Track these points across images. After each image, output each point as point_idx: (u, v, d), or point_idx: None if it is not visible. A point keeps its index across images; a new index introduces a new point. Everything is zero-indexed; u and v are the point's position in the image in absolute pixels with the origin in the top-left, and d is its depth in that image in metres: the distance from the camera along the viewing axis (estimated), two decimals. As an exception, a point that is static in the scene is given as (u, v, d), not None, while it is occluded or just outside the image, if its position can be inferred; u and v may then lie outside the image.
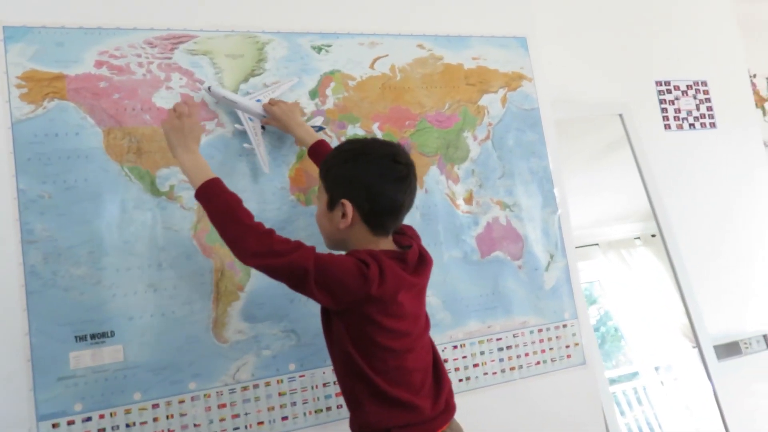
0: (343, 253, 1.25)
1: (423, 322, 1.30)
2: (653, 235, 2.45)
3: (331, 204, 1.25)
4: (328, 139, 1.58)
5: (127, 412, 1.35)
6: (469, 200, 1.76)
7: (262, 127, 1.55)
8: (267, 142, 1.55)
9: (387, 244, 1.28)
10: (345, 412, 1.50)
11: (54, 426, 1.29)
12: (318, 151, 1.50)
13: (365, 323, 1.18)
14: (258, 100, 1.53)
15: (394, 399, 1.19)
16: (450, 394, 1.30)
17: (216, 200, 1.21)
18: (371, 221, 1.24)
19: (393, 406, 1.19)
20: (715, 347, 2.28)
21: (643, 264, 2.51)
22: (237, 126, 1.53)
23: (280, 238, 1.17)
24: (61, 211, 1.36)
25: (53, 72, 1.40)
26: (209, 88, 1.49)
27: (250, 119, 1.53)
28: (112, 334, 1.36)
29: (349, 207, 1.22)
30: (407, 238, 1.35)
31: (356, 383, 1.21)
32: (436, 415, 1.24)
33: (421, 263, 1.29)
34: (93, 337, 1.34)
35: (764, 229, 2.57)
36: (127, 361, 1.36)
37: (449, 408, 1.28)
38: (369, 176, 1.23)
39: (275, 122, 1.53)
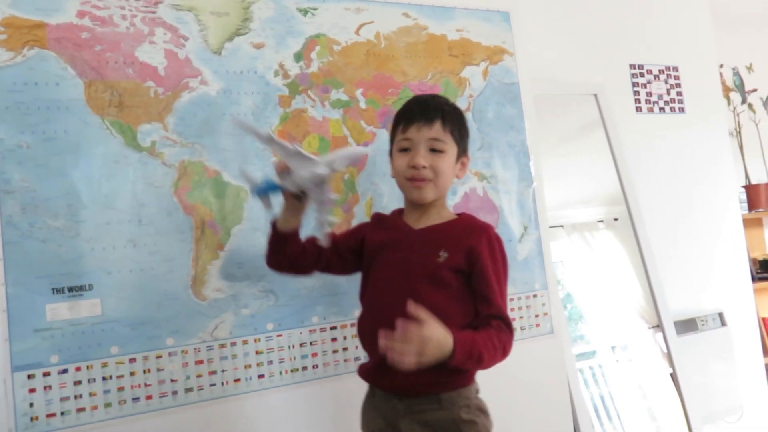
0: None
1: None
2: (616, 219, 2.52)
3: (457, 157, 1.36)
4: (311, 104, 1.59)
5: (104, 365, 1.35)
6: (448, 170, 1.78)
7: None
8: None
9: None
10: (321, 371, 1.55)
11: (29, 377, 1.28)
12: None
13: None
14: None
15: None
16: None
17: (477, 350, 1.18)
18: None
19: None
20: (674, 323, 2.38)
21: (604, 247, 2.58)
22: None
23: (499, 325, 1.25)
24: (40, 162, 1.33)
25: (34, 20, 1.36)
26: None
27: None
28: (90, 287, 1.35)
29: (468, 159, 1.41)
30: None
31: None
32: None
33: None
34: (71, 290, 1.33)
35: (724, 213, 2.67)
36: (105, 315, 1.35)
37: None
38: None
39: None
